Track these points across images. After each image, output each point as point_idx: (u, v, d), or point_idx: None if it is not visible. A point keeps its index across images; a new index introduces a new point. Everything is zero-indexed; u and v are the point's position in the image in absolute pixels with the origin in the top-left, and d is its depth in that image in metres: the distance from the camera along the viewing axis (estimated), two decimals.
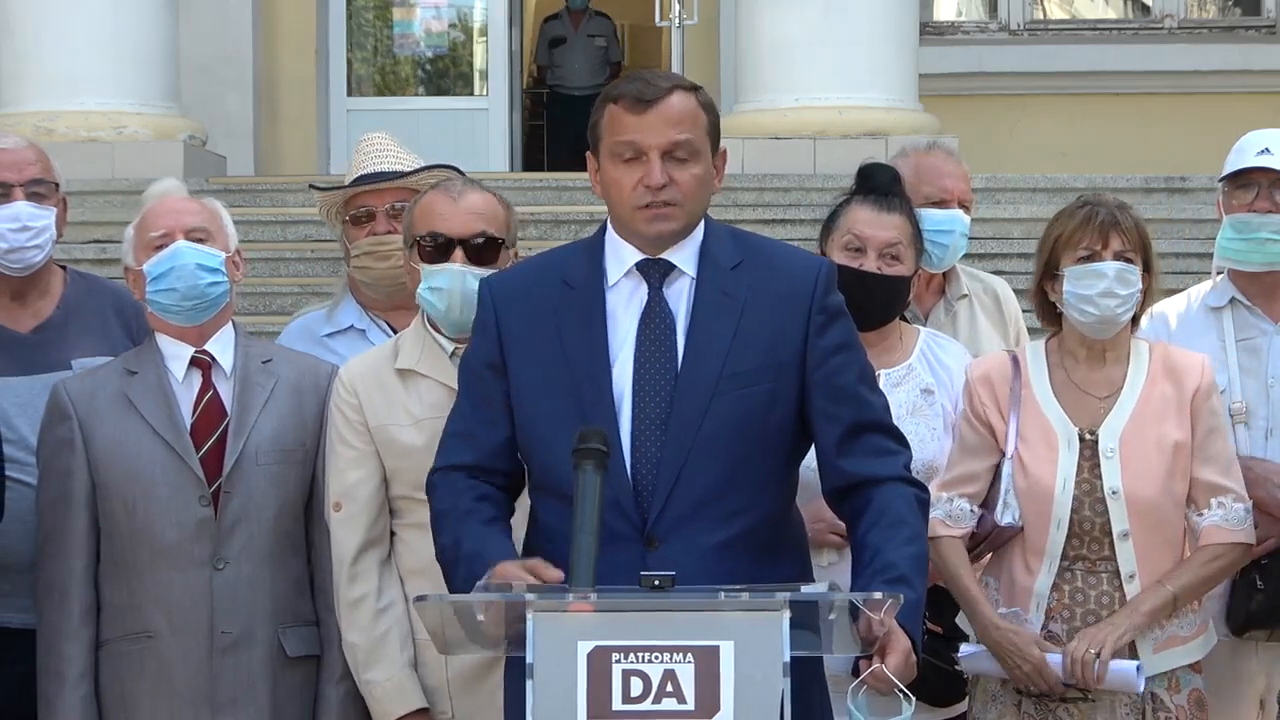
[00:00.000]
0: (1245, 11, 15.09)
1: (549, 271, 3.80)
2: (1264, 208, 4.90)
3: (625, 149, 3.65)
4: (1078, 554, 4.37)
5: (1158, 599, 4.33)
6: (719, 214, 3.95)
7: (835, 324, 3.75)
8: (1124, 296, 4.37)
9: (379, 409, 4.32)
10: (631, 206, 3.67)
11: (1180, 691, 4.41)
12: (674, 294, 3.72)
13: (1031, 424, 4.42)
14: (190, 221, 4.45)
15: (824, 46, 12.06)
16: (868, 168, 4.68)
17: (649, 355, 3.67)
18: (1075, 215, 4.41)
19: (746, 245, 3.79)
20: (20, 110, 11.86)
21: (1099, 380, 4.45)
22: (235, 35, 13.98)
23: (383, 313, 4.95)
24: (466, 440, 3.78)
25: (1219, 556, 4.39)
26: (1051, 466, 4.38)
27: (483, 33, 15.46)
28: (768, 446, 3.70)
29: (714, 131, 3.74)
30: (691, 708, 3.18)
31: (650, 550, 3.60)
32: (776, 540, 3.74)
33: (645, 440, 3.64)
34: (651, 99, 3.65)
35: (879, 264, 4.50)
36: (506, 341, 3.75)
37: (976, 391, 4.47)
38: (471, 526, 3.69)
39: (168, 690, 4.34)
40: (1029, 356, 4.50)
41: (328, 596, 4.41)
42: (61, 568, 4.36)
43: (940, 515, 4.40)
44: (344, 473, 4.34)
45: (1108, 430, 4.39)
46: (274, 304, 9.86)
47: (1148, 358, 4.46)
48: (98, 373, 4.51)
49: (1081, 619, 4.36)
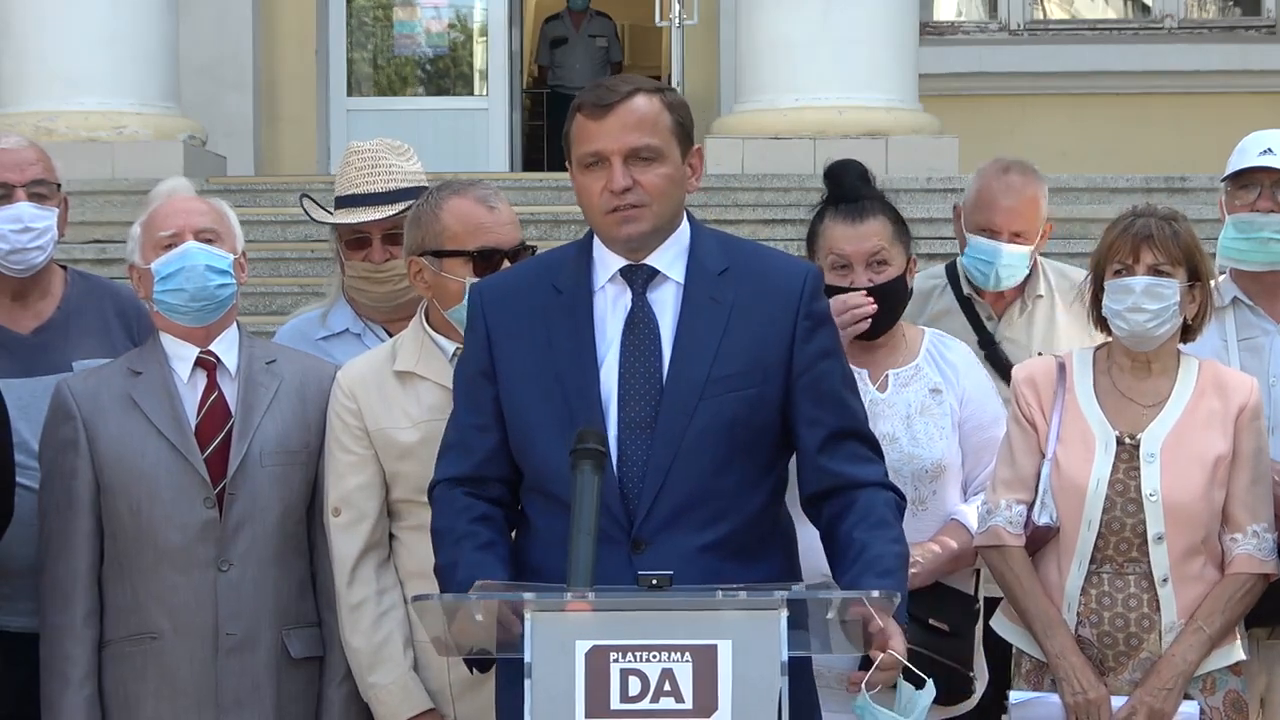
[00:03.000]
0: (1245, 11, 15.08)
1: (538, 276, 3.82)
2: (1266, 207, 4.92)
3: (588, 156, 3.68)
4: (1106, 555, 4.38)
5: (1199, 648, 4.36)
6: (719, 214, 3.96)
7: (821, 330, 3.77)
8: (1153, 311, 4.37)
9: (378, 412, 4.31)
10: (600, 212, 3.69)
11: (1215, 693, 4.43)
12: (660, 299, 3.73)
13: (1071, 426, 4.44)
14: (200, 222, 4.45)
15: (824, 46, 12.06)
16: (834, 170, 4.65)
17: (634, 360, 3.69)
18: (1117, 226, 4.44)
19: (733, 250, 3.81)
20: (20, 110, 11.85)
21: (1144, 389, 4.46)
22: (235, 35, 13.97)
23: (377, 320, 4.94)
24: (462, 451, 3.81)
25: (1249, 591, 4.42)
26: (1086, 466, 4.39)
27: (483, 33, 15.46)
28: (753, 449, 3.72)
29: (681, 130, 3.74)
30: (689, 707, 3.18)
31: (637, 553, 3.62)
32: (763, 540, 3.76)
33: (631, 444, 3.66)
34: (609, 103, 3.67)
35: (868, 275, 4.51)
36: (496, 346, 3.77)
37: (1022, 393, 4.50)
38: (467, 552, 3.72)
39: (171, 692, 4.34)
40: (1075, 361, 4.52)
41: (331, 598, 4.41)
42: (65, 568, 4.36)
43: (1001, 522, 4.43)
44: (343, 478, 4.34)
45: (1150, 436, 4.40)
46: (274, 304, 9.85)
47: (1196, 372, 4.48)
48: (101, 372, 4.51)
49: (1109, 622, 4.38)
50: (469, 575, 3.60)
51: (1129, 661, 4.39)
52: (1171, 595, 4.37)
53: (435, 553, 3.81)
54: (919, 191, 11.30)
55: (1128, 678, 4.39)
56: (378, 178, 4.98)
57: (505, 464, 3.80)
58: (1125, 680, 4.39)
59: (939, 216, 11.05)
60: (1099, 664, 4.40)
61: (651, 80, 3.84)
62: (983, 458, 4.59)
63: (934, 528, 4.53)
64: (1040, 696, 4.43)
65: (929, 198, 11.31)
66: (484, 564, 3.67)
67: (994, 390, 4.68)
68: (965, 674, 4.50)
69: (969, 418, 4.59)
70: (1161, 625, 4.38)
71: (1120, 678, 4.39)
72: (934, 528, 4.53)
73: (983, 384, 4.66)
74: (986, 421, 4.60)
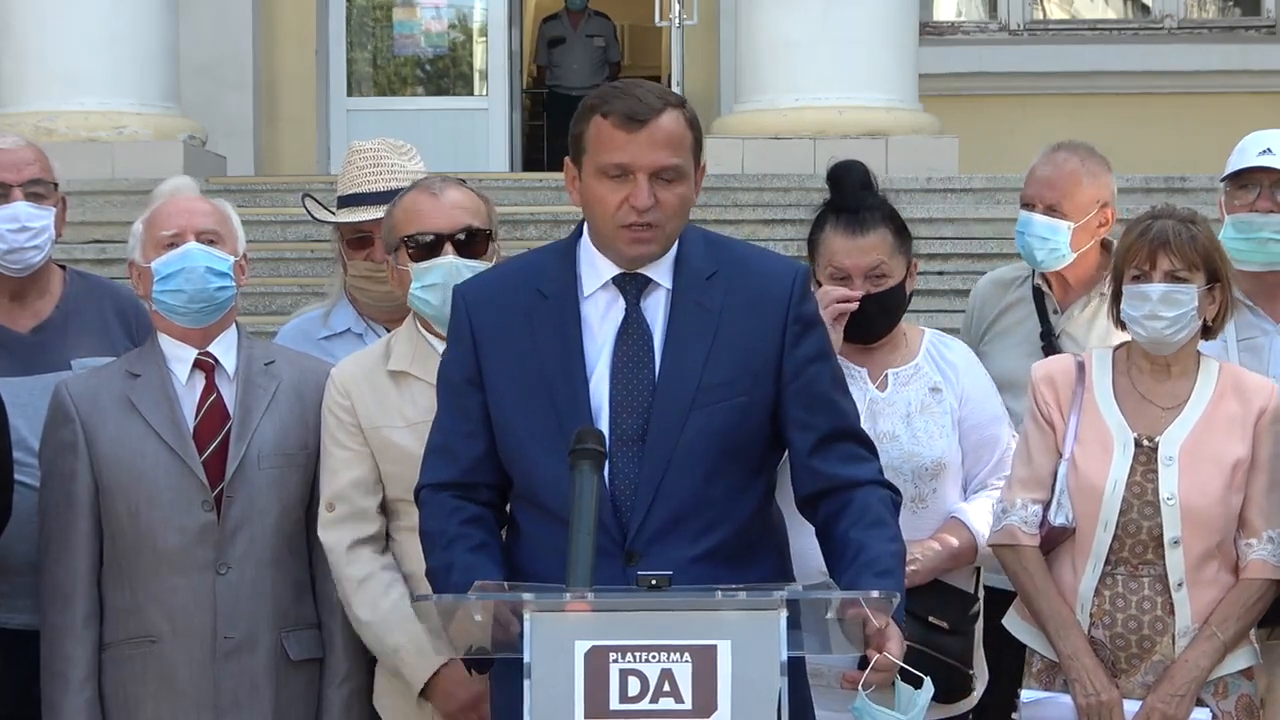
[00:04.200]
0: (1245, 11, 15.09)
1: (523, 278, 3.78)
2: (1265, 207, 4.92)
3: (614, 168, 3.63)
4: (1121, 557, 4.37)
5: (1213, 654, 4.34)
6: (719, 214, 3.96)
7: (811, 333, 3.75)
8: (1171, 319, 4.35)
9: (372, 411, 4.30)
10: (615, 225, 3.65)
11: (1228, 698, 4.42)
12: (650, 306, 3.71)
13: (1089, 426, 4.43)
14: (202, 223, 4.44)
15: (824, 46, 12.06)
16: (836, 174, 4.62)
17: (626, 370, 3.67)
18: (1135, 229, 4.41)
19: (721, 252, 3.78)
20: (20, 110, 11.86)
21: (1163, 392, 4.45)
22: (235, 35, 13.97)
23: (379, 320, 4.94)
24: (447, 456, 3.78)
25: (1262, 596, 4.40)
26: (1104, 468, 4.38)
27: (483, 33, 15.46)
28: (743, 455, 3.71)
29: (697, 148, 3.72)
30: (689, 707, 3.18)
31: (631, 565, 3.60)
32: (754, 544, 3.75)
33: (624, 455, 3.64)
34: (644, 119, 3.61)
35: (867, 286, 4.50)
36: (482, 351, 3.74)
37: (1040, 392, 4.49)
38: (460, 554, 3.70)
39: (170, 694, 4.34)
40: (1095, 362, 4.51)
41: (330, 599, 4.40)
42: (65, 570, 4.35)
43: (1016, 521, 4.42)
44: (336, 474, 4.32)
45: (1168, 438, 4.39)
46: (274, 304, 9.85)
47: (1216, 375, 4.46)
48: (100, 374, 4.50)
49: (1122, 624, 4.38)
50: (464, 577, 3.58)
51: (1141, 664, 4.38)
52: (1186, 599, 4.36)
53: (426, 555, 3.78)
54: (919, 191, 11.31)
55: (1140, 680, 4.37)
56: (380, 177, 4.98)
57: (493, 470, 3.77)
58: (1137, 683, 4.37)
59: (939, 216, 11.07)
60: (1111, 666, 4.38)
61: (673, 93, 3.80)
62: (982, 456, 4.59)
63: (934, 526, 4.52)
64: (1052, 696, 4.42)
65: (929, 198, 11.33)
66: (478, 565, 3.65)
67: (994, 389, 4.67)
68: (965, 672, 4.49)
69: (968, 416, 4.59)
70: (1175, 629, 4.37)
71: (1132, 680, 4.38)
72: (934, 526, 4.52)
73: (982, 383, 4.66)
74: (985, 420, 4.59)
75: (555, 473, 3.54)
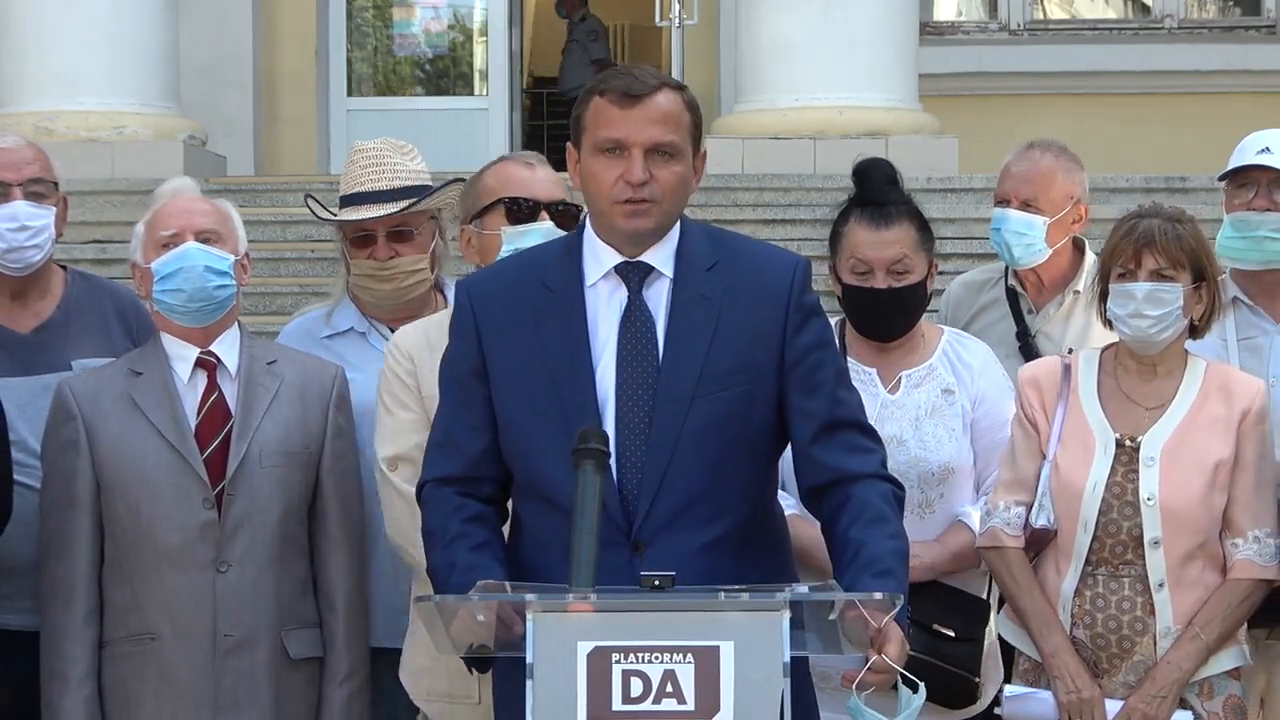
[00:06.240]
0: (1245, 11, 15.08)
1: (527, 272, 3.78)
2: (1262, 206, 4.92)
3: (608, 142, 3.64)
4: (1101, 558, 4.37)
5: (1196, 655, 4.34)
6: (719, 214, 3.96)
7: (811, 322, 3.74)
8: (1155, 317, 4.35)
9: (431, 380, 4.25)
10: (610, 201, 3.65)
11: (1214, 698, 4.41)
12: (652, 295, 3.71)
13: (1073, 427, 4.42)
14: (201, 223, 4.45)
15: (824, 46, 12.06)
16: (862, 170, 4.64)
17: (631, 359, 3.67)
18: (1121, 227, 4.41)
19: (722, 244, 3.78)
20: (20, 110, 11.85)
21: (1148, 392, 4.45)
22: (235, 35, 13.97)
23: (382, 319, 4.94)
24: (451, 450, 3.77)
25: (1248, 596, 4.39)
26: (1084, 469, 4.38)
27: (483, 33, 15.46)
28: (747, 446, 3.70)
29: (696, 131, 3.72)
30: (691, 708, 3.17)
31: (637, 555, 3.60)
32: (758, 537, 3.74)
33: (629, 445, 3.64)
34: (639, 94, 3.63)
35: (888, 280, 4.49)
36: (487, 345, 3.74)
37: (1025, 394, 4.48)
38: (462, 553, 3.68)
39: (170, 692, 4.34)
40: (1081, 362, 4.51)
41: (330, 598, 4.42)
42: (66, 568, 4.36)
43: (999, 524, 4.42)
44: (398, 435, 4.32)
45: (1151, 439, 4.38)
46: (274, 304, 9.84)
47: (1202, 375, 4.45)
48: (102, 373, 4.50)
49: (1103, 624, 4.38)
50: (466, 577, 3.57)
51: (1122, 664, 4.38)
52: (1167, 600, 4.36)
53: (427, 553, 3.77)
54: (919, 191, 11.18)
55: (1121, 680, 4.38)
56: (382, 176, 4.98)
57: (496, 464, 3.77)
58: (1118, 683, 4.38)
59: (939, 216, 11.03)
60: (1092, 666, 4.39)
61: (674, 79, 3.82)
62: (994, 459, 4.57)
63: (940, 530, 4.52)
64: (1033, 692, 4.42)
65: (929, 198, 11.28)
66: (481, 564, 3.65)
67: (1012, 392, 4.62)
68: (970, 680, 4.48)
69: (982, 418, 4.57)
70: (1156, 629, 4.36)
71: (1113, 680, 4.38)
72: (940, 530, 4.52)
73: (1000, 385, 4.63)
74: (999, 423, 4.57)
75: (560, 465, 3.53)
